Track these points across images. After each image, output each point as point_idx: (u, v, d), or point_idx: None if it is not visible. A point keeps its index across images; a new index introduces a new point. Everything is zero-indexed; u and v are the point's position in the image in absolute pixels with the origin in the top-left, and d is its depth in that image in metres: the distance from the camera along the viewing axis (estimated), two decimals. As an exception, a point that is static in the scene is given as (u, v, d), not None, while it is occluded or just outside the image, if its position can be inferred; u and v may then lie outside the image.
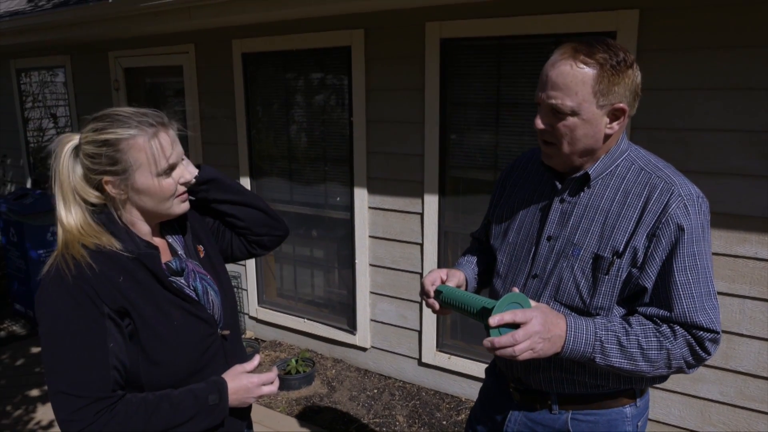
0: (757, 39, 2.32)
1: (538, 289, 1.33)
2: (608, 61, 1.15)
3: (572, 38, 1.24)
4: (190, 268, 1.31)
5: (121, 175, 1.18)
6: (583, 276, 1.26)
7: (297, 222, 3.96)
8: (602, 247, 1.24)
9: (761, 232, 2.44)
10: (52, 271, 1.16)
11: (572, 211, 1.29)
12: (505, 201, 1.47)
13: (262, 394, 1.32)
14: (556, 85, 1.17)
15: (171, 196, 1.24)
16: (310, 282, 4.06)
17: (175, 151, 1.22)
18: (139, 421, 1.15)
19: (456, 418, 3.22)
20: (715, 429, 2.68)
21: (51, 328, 1.13)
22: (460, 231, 3.30)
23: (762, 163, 2.39)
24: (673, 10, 2.46)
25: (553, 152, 1.26)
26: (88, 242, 1.17)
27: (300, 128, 3.82)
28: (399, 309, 3.57)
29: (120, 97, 4.75)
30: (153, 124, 1.19)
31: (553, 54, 1.21)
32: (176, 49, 4.18)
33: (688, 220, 1.18)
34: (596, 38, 1.20)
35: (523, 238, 1.39)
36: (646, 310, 1.23)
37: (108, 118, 1.19)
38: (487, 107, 3.07)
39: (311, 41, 3.52)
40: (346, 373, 3.74)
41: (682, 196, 1.19)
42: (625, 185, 1.25)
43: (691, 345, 1.19)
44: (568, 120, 1.19)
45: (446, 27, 3.03)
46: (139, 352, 1.18)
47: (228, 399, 1.26)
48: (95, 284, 1.13)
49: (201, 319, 1.27)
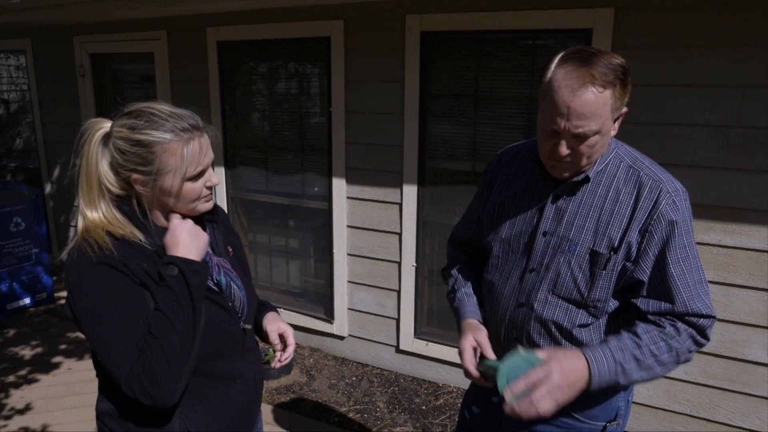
0: (725, 39, 2.45)
1: (535, 283, 1.38)
2: (618, 77, 1.16)
3: (564, 53, 1.22)
4: (214, 262, 1.33)
5: (151, 176, 1.19)
6: (580, 271, 1.32)
7: (274, 212, 3.96)
8: (598, 243, 1.30)
9: (725, 221, 2.60)
10: (74, 254, 1.17)
11: (567, 207, 1.34)
12: (495, 197, 1.48)
13: (205, 241, 1.25)
14: (582, 115, 1.16)
15: (196, 199, 1.26)
16: (286, 272, 4.07)
17: (207, 158, 1.24)
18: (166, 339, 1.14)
19: (435, 403, 3.31)
20: (681, 406, 2.84)
21: (89, 298, 1.15)
22: (439, 221, 3.37)
23: (727, 156, 2.54)
24: (646, 9, 2.57)
25: (569, 167, 1.27)
26: (113, 230, 1.19)
27: (277, 118, 3.80)
28: (377, 297, 3.62)
29: (86, 84, 4.61)
30: (188, 129, 1.20)
31: (560, 77, 1.17)
32: (147, 35, 4.09)
33: (677, 215, 1.25)
34: (589, 52, 1.18)
35: (518, 233, 1.41)
36: (646, 304, 1.29)
37: (144, 117, 1.19)
38: (466, 100, 3.13)
39: (290, 31, 3.51)
40: (324, 362, 3.78)
41: (669, 192, 1.26)
42: (616, 183, 1.30)
43: (694, 336, 1.28)
44: (590, 140, 1.20)
45: (426, 20, 3.08)
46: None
47: (179, 251, 1.20)
48: (123, 261, 1.16)
49: (221, 306, 1.29)
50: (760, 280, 2.59)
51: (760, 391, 2.67)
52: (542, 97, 1.22)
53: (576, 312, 1.35)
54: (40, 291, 4.60)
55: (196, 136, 1.21)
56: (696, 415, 2.83)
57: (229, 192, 4.06)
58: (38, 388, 3.41)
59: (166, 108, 1.21)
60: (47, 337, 4.06)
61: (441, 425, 3.10)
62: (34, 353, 3.83)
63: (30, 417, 3.11)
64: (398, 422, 3.12)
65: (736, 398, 2.73)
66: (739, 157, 2.53)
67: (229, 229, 1.47)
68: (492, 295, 1.48)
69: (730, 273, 2.63)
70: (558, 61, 1.20)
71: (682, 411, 2.85)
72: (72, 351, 3.87)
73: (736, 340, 2.67)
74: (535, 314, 1.38)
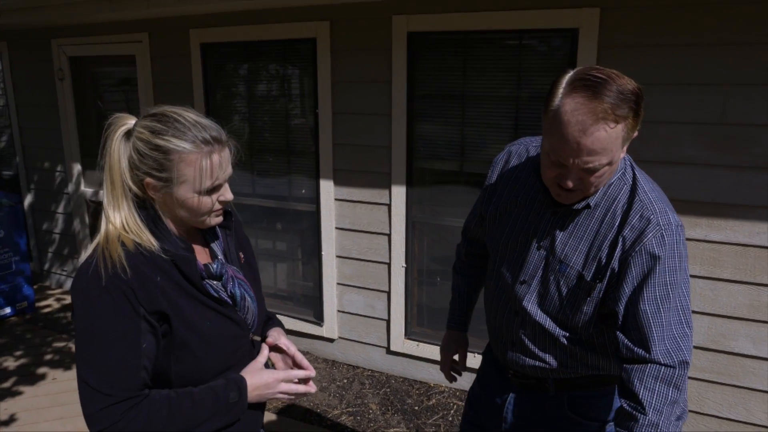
0: (708, 38, 2.50)
1: (524, 294, 1.37)
2: (631, 108, 1.10)
3: (572, 78, 1.14)
4: (229, 274, 1.31)
5: (164, 183, 1.17)
6: (567, 292, 1.30)
7: (260, 215, 3.93)
8: (587, 268, 1.27)
9: (710, 217, 2.65)
10: (92, 264, 1.14)
11: (564, 225, 1.30)
12: (497, 200, 1.46)
13: (282, 390, 1.30)
14: (593, 151, 1.10)
15: (207, 213, 1.24)
16: (274, 275, 4.04)
17: (224, 173, 1.22)
18: (162, 420, 1.16)
19: (427, 403, 3.31)
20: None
21: (86, 324, 1.13)
22: (428, 221, 3.37)
23: (711, 153, 2.59)
24: (631, 9, 2.61)
25: (576, 196, 1.23)
26: (128, 240, 1.16)
27: (263, 120, 3.78)
28: (367, 299, 3.62)
29: (65, 88, 4.52)
30: (210, 142, 1.17)
31: (569, 111, 1.10)
32: (128, 37, 4.03)
33: (663, 250, 1.18)
34: (600, 80, 1.10)
35: (514, 242, 1.39)
36: (624, 344, 1.22)
37: (168, 122, 1.17)
38: (454, 100, 3.15)
39: (275, 32, 3.48)
40: (314, 365, 3.76)
41: (660, 225, 1.19)
42: (614, 207, 1.25)
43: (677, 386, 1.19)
44: (599, 171, 1.15)
45: (413, 20, 3.08)
46: (172, 348, 1.18)
47: (248, 396, 1.27)
48: (133, 286, 1.13)
49: (233, 320, 1.28)
50: (745, 273, 2.64)
51: (747, 382, 2.73)
52: (549, 125, 1.15)
53: (561, 329, 1.35)
54: (21, 300, 4.50)
55: (217, 149, 1.19)
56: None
57: (214, 196, 4.01)
58: (23, 399, 3.34)
59: (192, 116, 1.19)
60: (30, 347, 3.98)
61: (434, 425, 3.10)
62: (18, 364, 3.74)
63: (15, 429, 3.04)
64: (392, 423, 3.12)
65: (724, 390, 2.78)
66: (723, 154, 2.57)
67: (241, 235, 1.46)
68: (491, 300, 1.50)
69: (716, 267, 2.67)
70: (566, 88, 1.12)
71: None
72: (57, 361, 3.79)
73: (723, 333, 2.72)
74: (528, 324, 1.39)
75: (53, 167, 4.86)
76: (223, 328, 1.25)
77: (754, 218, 2.58)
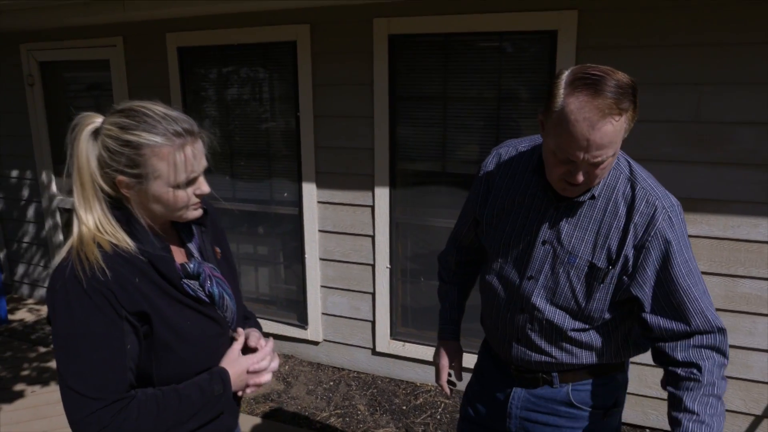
0: (682, 39, 2.59)
1: (532, 290, 1.40)
2: (631, 101, 1.16)
3: (571, 77, 1.17)
4: (206, 273, 1.30)
5: (137, 179, 1.15)
6: (579, 282, 1.34)
7: (242, 219, 3.90)
8: (596, 256, 1.32)
9: (687, 212, 2.69)
10: (67, 269, 1.11)
11: (567, 218, 1.34)
12: (494, 201, 1.48)
13: (258, 381, 1.32)
14: (601, 146, 1.15)
15: (183, 207, 1.21)
16: (256, 280, 4.01)
17: (199, 165, 1.20)
18: (151, 419, 1.15)
19: (414, 402, 3.34)
20: (651, 390, 2.97)
21: (68, 328, 1.11)
22: (412, 221, 3.40)
23: (687, 150, 2.68)
24: (608, 11, 2.68)
25: (582, 188, 1.27)
26: (103, 241, 1.13)
27: (243, 124, 3.75)
28: (351, 301, 3.62)
29: (35, 94, 4.41)
30: (182, 134, 1.15)
31: (576, 110, 1.14)
32: (101, 42, 3.96)
33: (674, 231, 1.26)
34: (598, 76, 1.14)
35: (516, 240, 1.42)
36: (657, 321, 1.30)
37: (136, 116, 1.14)
38: (436, 101, 3.18)
39: (254, 36, 3.47)
40: (299, 368, 3.75)
41: (665, 208, 1.27)
42: (615, 195, 1.31)
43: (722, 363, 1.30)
44: (605, 163, 1.20)
45: (394, 23, 3.11)
46: (154, 349, 1.17)
47: (231, 387, 1.27)
48: (113, 288, 1.11)
49: (212, 319, 1.28)
50: (720, 266, 2.73)
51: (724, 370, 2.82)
52: (555, 126, 1.18)
53: (572, 321, 1.39)
54: (-7, 312, 4.38)
55: (190, 141, 1.16)
56: (665, 398, 2.95)
57: (194, 201, 3.97)
58: (3, 414, 3.24)
59: (161, 109, 1.17)
60: (5, 360, 3.87)
61: (423, 424, 3.13)
62: (-8, 377, 3.64)
63: (-6, 444, 2.97)
64: (380, 424, 3.14)
65: (703, 379, 2.87)
66: (697, 151, 2.67)
67: (218, 229, 1.44)
68: (491, 297, 1.51)
69: (693, 261, 2.76)
70: (567, 88, 1.16)
71: (653, 395, 2.98)
72: (35, 374, 3.70)
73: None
74: (536, 320, 1.41)
75: (23, 175, 4.74)
76: (204, 327, 1.24)
77: (729, 212, 2.68)
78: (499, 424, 1.56)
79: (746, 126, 2.57)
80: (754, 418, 2.84)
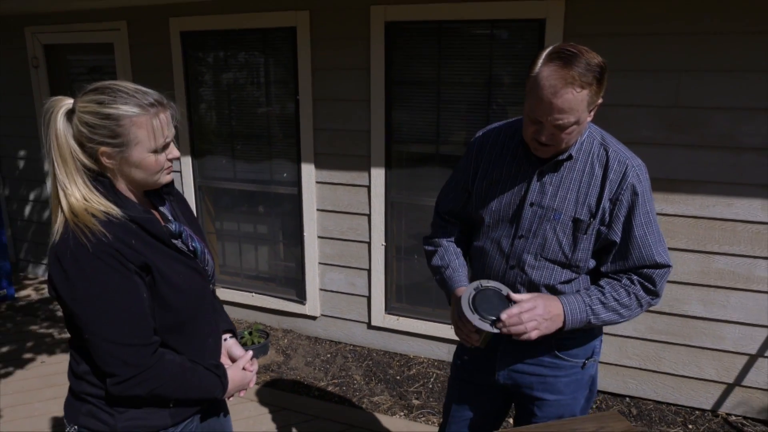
0: (662, 27, 2.73)
1: (524, 247, 1.57)
2: (596, 77, 1.33)
3: (550, 51, 1.35)
4: (187, 232, 1.45)
5: (119, 148, 1.26)
6: (564, 235, 1.53)
7: (243, 199, 4.04)
8: (579, 211, 1.50)
9: (666, 192, 2.90)
10: (69, 240, 1.22)
11: (551, 181, 1.53)
12: (483, 174, 1.64)
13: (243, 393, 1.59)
14: (562, 110, 1.34)
15: (159, 171, 1.35)
16: (257, 257, 4.17)
17: (170, 132, 1.34)
18: (178, 380, 1.34)
19: (408, 373, 3.51)
20: (631, 360, 3.15)
21: (86, 290, 1.23)
22: (406, 201, 3.56)
23: (666, 133, 2.84)
24: (593, 1, 2.82)
25: (550, 149, 1.47)
26: (95, 210, 1.24)
27: (244, 107, 3.88)
28: (348, 277, 3.79)
29: (40, 76, 4.52)
30: (154, 104, 1.28)
31: (545, 76, 1.33)
32: (106, 25, 4.06)
33: (641, 186, 1.47)
34: (572, 53, 1.33)
35: (506, 204, 1.59)
36: (607, 267, 1.55)
37: (112, 92, 1.25)
38: (430, 86, 3.32)
39: (255, 21, 3.59)
40: (298, 342, 3.92)
41: (634, 167, 1.48)
42: (591, 158, 1.51)
43: (643, 284, 1.52)
44: (568, 129, 1.39)
45: (390, 10, 3.24)
46: (155, 299, 1.32)
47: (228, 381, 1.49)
48: (117, 246, 1.24)
49: (198, 272, 1.43)
50: (696, 243, 2.90)
51: (698, 342, 3.01)
52: (529, 89, 1.38)
53: (561, 271, 1.56)
54: None
55: (161, 110, 1.30)
56: (644, 368, 3.15)
57: (196, 181, 4.11)
58: (14, 382, 3.40)
59: (132, 85, 1.29)
60: (13, 335, 4.02)
61: (416, 392, 3.30)
62: (2, 351, 3.79)
63: (8, 410, 3.12)
64: (375, 392, 3.31)
65: (679, 350, 3.06)
66: (676, 134, 2.83)
67: (182, 200, 1.58)
68: (483, 258, 1.66)
69: (671, 239, 2.93)
70: (544, 58, 1.35)
71: (632, 365, 3.16)
72: (43, 347, 3.85)
73: (678, 298, 2.99)
74: (526, 274, 1.58)
75: (29, 156, 4.85)
76: (193, 280, 1.39)
77: (705, 192, 2.84)
78: (488, 376, 1.71)
79: (721, 111, 2.73)
80: (726, 386, 3.03)
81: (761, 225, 2.79)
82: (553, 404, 1.66)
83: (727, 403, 3.04)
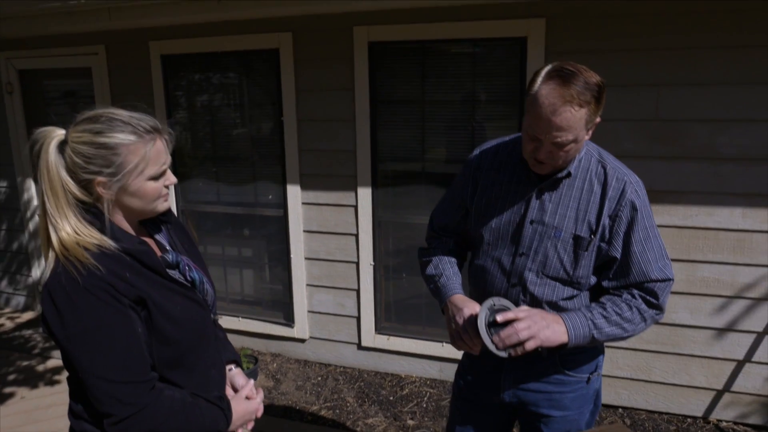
0: (641, 43, 2.81)
1: (525, 265, 1.57)
2: (594, 96, 1.35)
3: (550, 69, 1.36)
4: (185, 261, 1.42)
5: (115, 177, 1.23)
6: (565, 253, 1.54)
7: (227, 222, 4.00)
8: (579, 228, 1.51)
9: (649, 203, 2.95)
10: (61, 275, 1.19)
11: (550, 198, 1.53)
12: (482, 192, 1.65)
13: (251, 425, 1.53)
14: (561, 128, 1.35)
15: (157, 198, 1.31)
16: (242, 280, 4.11)
17: (167, 158, 1.31)
18: (179, 416, 1.29)
19: (401, 393, 3.49)
20: (622, 371, 3.18)
21: (79, 325, 1.18)
22: (393, 219, 3.56)
23: (646, 146, 2.90)
24: (573, 19, 2.89)
25: (548, 166, 1.47)
26: (86, 243, 1.20)
27: (228, 130, 3.86)
28: (337, 298, 3.76)
29: (14, 102, 4.43)
30: (150, 131, 1.25)
31: (544, 94, 1.34)
32: (83, 50, 4.01)
33: (639, 201, 1.49)
34: (570, 72, 1.34)
35: (506, 222, 1.60)
36: (608, 283, 1.54)
37: (106, 121, 1.22)
38: (415, 105, 3.35)
39: (238, 43, 3.58)
40: (287, 366, 3.86)
41: (632, 183, 1.50)
42: (589, 176, 1.52)
43: (645, 298, 1.52)
44: (566, 147, 1.40)
45: (373, 31, 3.27)
46: (152, 334, 1.27)
47: (233, 414, 1.44)
48: (110, 280, 1.19)
49: (197, 302, 1.39)
50: (681, 252, 2.96)
51: (687, 349, 3.05)
52: (528, 106, 1.39)
53: (562, 288, 1.57)
54: (-25, 321, 4.36)
55: (158, 136, 1.27)
56: (635, 378, 3.18)
57: (179, 205, 4.05)
58: (-8, 419, 3.28)
59: (125, 112, 1.26)
60: (-10, 368, 3.88)
61: (410, 412, 3.28)
62: (-21, 385, 3.65)
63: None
64: (369, 414, 3.27)
65: (668, 359, 3.10)
66: (657, 147, 2.89)
67: (180, 227, 1.55)
68: (485, 277, 1.66)
69: (656, 248, 2.98)
70: (544, 76, 1.36)
71: (624, 375, 3.19)
72: (22, 380, 3.72)
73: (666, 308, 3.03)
74: (528, 292, 1.58)
75: (4, 184, 4.73)
76: (191, 311, 1.35)
77: (687, 202, 2.91)
78: (492, 395, 1.71)
79: (700, 123, 2.81)
80: (716, 392, 3.07)
81: (743, 233, 2.86)
82: (560, 420, 1.66)
83: (718, 409, 3.08)
